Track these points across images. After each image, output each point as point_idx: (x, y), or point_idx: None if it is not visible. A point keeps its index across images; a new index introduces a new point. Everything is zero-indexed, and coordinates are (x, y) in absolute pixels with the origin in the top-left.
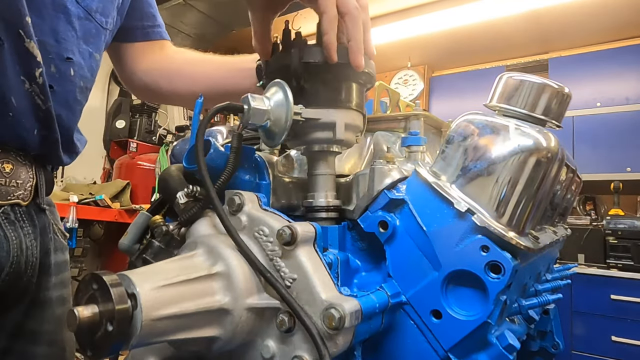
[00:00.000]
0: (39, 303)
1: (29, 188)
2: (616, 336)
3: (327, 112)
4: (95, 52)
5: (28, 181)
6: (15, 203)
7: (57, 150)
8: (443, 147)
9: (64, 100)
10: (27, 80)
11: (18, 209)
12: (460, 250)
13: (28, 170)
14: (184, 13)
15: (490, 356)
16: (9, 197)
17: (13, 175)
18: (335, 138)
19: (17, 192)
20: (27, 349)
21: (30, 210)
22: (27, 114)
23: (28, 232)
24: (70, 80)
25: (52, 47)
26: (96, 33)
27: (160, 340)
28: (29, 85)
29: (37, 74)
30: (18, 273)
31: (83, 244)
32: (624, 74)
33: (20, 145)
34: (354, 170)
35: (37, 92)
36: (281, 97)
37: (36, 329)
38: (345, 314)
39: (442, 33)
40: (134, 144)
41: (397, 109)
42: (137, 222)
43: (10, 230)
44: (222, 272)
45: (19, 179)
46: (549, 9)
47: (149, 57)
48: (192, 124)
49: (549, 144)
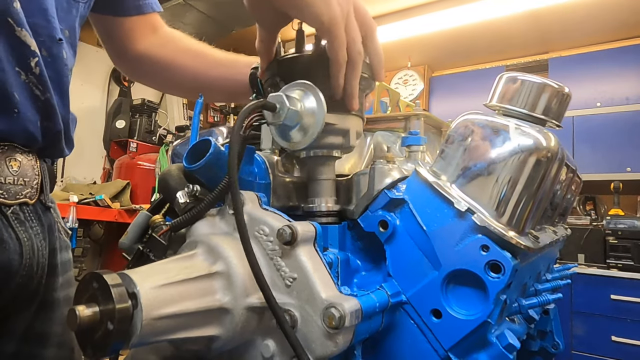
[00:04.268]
0: (47, 305)
1: (35, 186)
2: (616, 336)
3: (342, 118)
4: (65, 29)
5: (34, 178)
6: (24, 202)
7: (60, 142)
8: (443, 146)
9: (59, 86)
10: (23, 71)
11: (26, 208)
12: (460, 249)
13: (34, 166)
14: (184, 13)
15: (490, 356)
16: (17, 196)
17: (20, 173)
18: (348, 144)
19: (25, 190)
20: (37, 351)
21: (37, 209)
22: (28, 107)
23: (37, 232)
24: (64, 63)
25: (44, 29)
26: (67, 7)
27: (160, 339)
28: (25, 77)
29: (33, 64)
30: (30, 275)
31: (83, 244)
32: (624, 74)
33: (26, 141)
34: (354, 170)
35: (34, 83)
36: (312, 99)
37: (45, 331)
38: (346, 313)
39: (442, 33)
40: (134, 144)
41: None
42: (137, 221)
43: (21, 230)
44: (222, 271)
45: (26, 176)
46: (549, 9)
47: (142, 40)
48: (192, 124)
49: (549, 144)
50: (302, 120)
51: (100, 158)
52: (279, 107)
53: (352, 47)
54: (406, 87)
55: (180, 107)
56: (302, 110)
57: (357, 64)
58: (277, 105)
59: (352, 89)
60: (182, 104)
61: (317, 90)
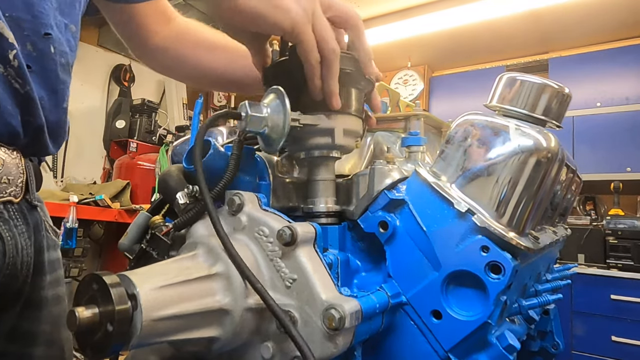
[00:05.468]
0: (34, 303)
1: (20, 184)
2: (616, 336)
3: (325, 118)
4: (70, 24)
5: (19, 177)
6: (8, 201)
7: (43, 137)
8: (443, 147)
9: (45, 81)
10: (1, 64)
11: (10, 207)
12: (461, 250)
13: (18, 165)
14: (184, 13)
15: (490, 356)
16: (1, 194)
17: (4, 171)
18: (334, 143)
19: (9, 189)
20: (25, 350)
21: (22, 208)
22: (7, 100)
23: (22, 231)
24: (51, 58)
25: (27, 23)
26: (70, 1)
27: (160, 340)
28: (3, 69)
29: (11, 57)
30: (14, 274)
31: (83, 244)
32: (624, 74)
33: (8, 136)
34: (354, 171)
35: (12, 76)
36: (278, 104)
37: (33, 329)
38: (346, 314)
39: (442, 33)
40: (134, 144)
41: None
42: (137, 222)
43: (5, 229)
44: (222, 272)
45: (10, 175)
46: (549, 9)
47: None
48: (192, 124)
49: (549, 144)
50: (268, 125)
51: (100, 158)
52: (243, 114)
53: (323, 46)
54: (406, 87)
55: (180, 107)
56: (267, 115)
57: (332, 63)
58: (242, 113)
59: (330, 88)
60: (182, 104)
61: (282, 93)
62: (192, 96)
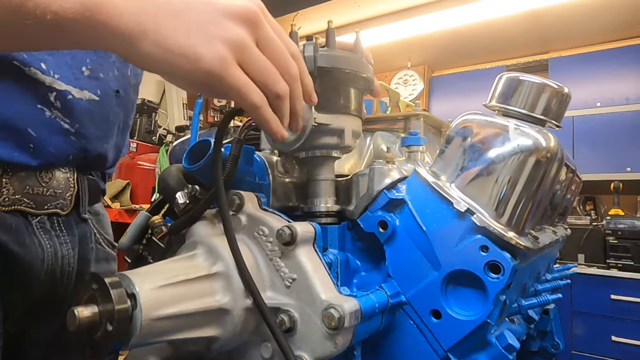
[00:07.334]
0: None
1: (68, 197)
2: (616, 336)
3: (337, 118)
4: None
5: (68, 190)
6: (54, 213)
7: (97, 164)
8: (443, 147)
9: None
10: (46, 107)
11: (56, 218)
12: (460, 250)
13: (69, 179)
14: None
15: (489, 356)
16: (45, 206)
17: (51, 185)
18: (343, 144)
19: (55, 201)
20: (65, 357)
21: (69, 220)
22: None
23: (65, 241)
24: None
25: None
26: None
27: (160, 340)
28: (49, 113)
29: (52, 98)
30: (53, 282)
31: None
32: (624, 74)
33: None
34: (354, 170)
35: (60, 117)
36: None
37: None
38: (345, 314)
39: (442, 33)
40: (133, 144)
41: (397, 109)
42: (137, 222)
43: (45, 238)
44: (221, 272)
45: (58, 188)
46: (549, 9)
47: None
48: (192, 124)
49: (549, 144)
50: None
51: None
52: None
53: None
54: (406, 87)
55: (180, 107)
56: None
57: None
58: None
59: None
60: (182, 104)
61: None
62: (192, 96)
